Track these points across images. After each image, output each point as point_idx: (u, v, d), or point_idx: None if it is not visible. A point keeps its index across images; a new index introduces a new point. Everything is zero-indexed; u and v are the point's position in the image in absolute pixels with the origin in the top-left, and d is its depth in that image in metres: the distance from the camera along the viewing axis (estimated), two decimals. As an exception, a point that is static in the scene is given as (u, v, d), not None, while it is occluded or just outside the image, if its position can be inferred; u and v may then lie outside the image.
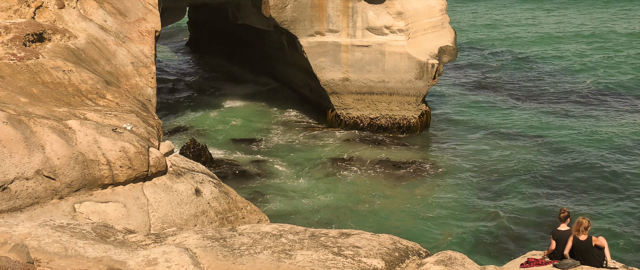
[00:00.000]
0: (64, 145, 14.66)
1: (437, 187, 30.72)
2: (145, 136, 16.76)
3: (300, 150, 35.17)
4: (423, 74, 36.42)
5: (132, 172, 15.32)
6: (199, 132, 37.56)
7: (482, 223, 27.24)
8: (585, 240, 12.92)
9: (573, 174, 31.72)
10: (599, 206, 28.35)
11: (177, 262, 9.66)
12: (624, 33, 62.35)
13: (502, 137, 36.89)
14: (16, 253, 8.53)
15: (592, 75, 48.86)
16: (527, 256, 14.06)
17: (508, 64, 52.15)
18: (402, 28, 36.42)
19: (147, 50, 24.97)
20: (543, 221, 27.31)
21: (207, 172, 17.71)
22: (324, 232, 11.89)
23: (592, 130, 37.33)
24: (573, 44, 58.61)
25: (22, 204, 13.83)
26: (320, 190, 30.32)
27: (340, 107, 38.15)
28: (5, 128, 14.10)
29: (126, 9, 26.21)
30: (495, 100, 43.41)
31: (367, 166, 33.07)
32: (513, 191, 30.11)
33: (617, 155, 33.86)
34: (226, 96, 44.09)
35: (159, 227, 14.84)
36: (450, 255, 11.59)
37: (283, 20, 36.29)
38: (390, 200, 29.47)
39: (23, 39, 20.97)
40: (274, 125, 39.02)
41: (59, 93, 18.80)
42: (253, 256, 10.32)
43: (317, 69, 37.42)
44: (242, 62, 49.89)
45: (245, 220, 16.45)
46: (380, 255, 10.88)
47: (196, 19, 56.41)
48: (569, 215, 13.41)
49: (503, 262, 16.89)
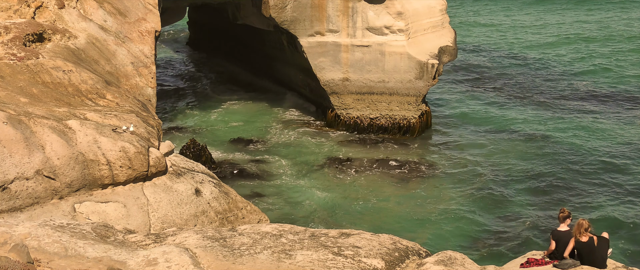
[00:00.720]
0: (64, 145, 14.66)
1: (437, 187, 30.72)
2: (145, 136, 16.77)
3: (300, 150, 35.18)
4: (423, 74, 36.42)
5: (132, 172, 15.32)
6: (199, 132, 37.57)
7: (482, 223, 27.24)
8: (587, 241, 12.86)
9: (573, 174, 31.73)
10: (599, 206, 28.35)
11: (177, 262, 9.66)
12: (625, 33, 62.35)
13: (502, 137, 36.89)
14: (16, 253, 8.54)
15: (592, 75, 48.88)
16: (527, 256, 14.05)
17: (508, 64, 52.16)
18: (402, 28, 36.42)
19: (147, 50, 24.97)
20: (543, 221, 27.31)
21: (207, 172, 17.71)
22: (324, 232, 11.89)
23: (593, 130, 37.34)
24: (573, 44, 58.63)
25: (22, 204, 13.84)
26: (320, 190, 30.32)
27: (340, 107, 38.15)
28: (5, 128, 14.10)
29: (126, 9, 26.21)
30: (495, 100, 43.41)
31: (367, 166, 33.07)
32: (513, 191, 30.11)
33: (618, 155, 33.88)
34: (226, 96, 44.09)
35: (159, 227, 14.84)
36: (450, 255, 11.59)
37: (283, 20, 36.29)
38: (390, 200, 29.47)
39: (23, 39, 20.98)
40: (274, 125, 39.02)
41: (59, 93, 18.80)
42: (253, 256, 10.32)
43: (317, 69, 37.42)
44: (242, 62, 49.89)
45: (245, 220, 16.45)
46: (380, 255, 10.88)
47: (196, 19, 56.41)
48: (569, 215, 13.37)
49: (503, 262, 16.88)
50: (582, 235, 12.85)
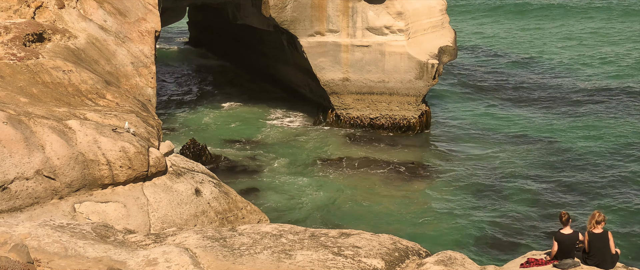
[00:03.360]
0: (64, 145, 14.66)
1: (437, 187, 30.72)
2: (145, 136, 16.77)
3: (300, 151, 35.18)
4: (423, 74, 36.42)
5: (132, 172, 15.32)
6: (199, 132, 37.57)
7: (482, 223, 27.24)
8: (600, 233, 12.78)
9: (573, 174, 31.73)
10: (600, 206, 28.34)
11: (177, 262, 9.66)
12: (625, 32, 62.32)
13: (502, 137, 36.89)
14: (16, 253, 8.54)
15: (593, 75, 48.86)
16: (527, 256, 14.04)
17: (508, 64, 52.15)
18: (402, 28, 36.42)
19: (147, 50, 24.98)
20: (543, 221, 27.32)
21: (207, 172, 17.72)
22: (323, 232, 11.89)
23: (593, 130, 37.33)
24: (573, 45, 58.60)
25: (22, 204, 13.84)
26: (320, 190, 30.33)
27: (340, 107, 38.15)
28: (5, 128, 14.10)
29: (126, 9, 26.21)
30: (495, 100, 43.41)
31: (367, 166, 33.08)
32: (513, 191, 30.11)
33: (618, 155, 33.88)
34: (226, 96, 44.08)
35: (159, 227, 14.85)
36: (450, 255, 11.59)
37: (283, 20, 36.29)
38: (391, 200, 29.47)
39: (23, 39, 20.98)
40: (273, 125, 39.02)
41: (59, 93, 18.80)
42: (253, 256, 10.32)
43: (317, 69, 37.42)
44: (241, 62, 49.87)
45: (245, 220, 16.45)
46: (380, 255, 10.88)
47: (196, 19, 56.41)
48: (569, 217, 13.31)
49: (503, 262, 16.88)
50: (595, 227, 12.77)
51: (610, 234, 12.91)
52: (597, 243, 12.78)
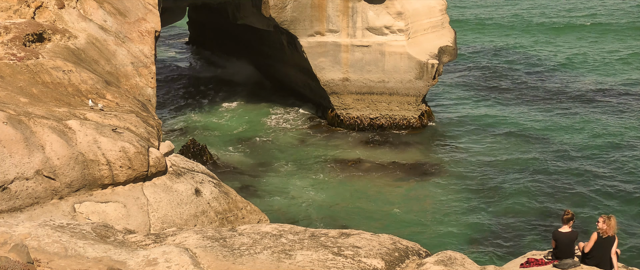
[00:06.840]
0: (64, 145, 14.66)
1: (436, 187, 30.73)
2: (145, 136, 16.76)
3: (300, 151, 35.18)
4: (423, 74, 36.42)
5: (132, 172, 15.32)
6: (199, 132, 37.56)
7: (482, 223, 27.25)
8: (607, 237, 12.84)
9: (574, 174, 31.72)
10: (600, 206, 28.35)
11: (177, 262, 9.66)
12: (625, 32, 62.32)
13: (502, 137, 36.88)
14: (16, 253, 8.54)
15: (594, 75, 48.85)
16: (527, 256, 14.06)
17: (508, 64, 52.14)
18: (402, 28, 36.42)
19: (147, 50, 24.97)
20: (544, 221, 27.32)
21: (207, 172, 17.71)
22: (323, 232, 11.88)
23: (594, 130, 37.32)
24: (574, 45, 58.59)
25: (22, 204, 13.83)
26: (320, 190, 30.33)
27: (340, 107, 38.15)
28: (5, 128, 14.10)
29: (126, 9, 26.20)
30: (495, 100, 43.40)
31: (367, 166, 33.08)
32: (513, 191, 30.10)
33: (619, 155, 33.86)
34: (226, 96, 44.09)
35: (159, 227, 14.84)
36: (450, 255, 11.58)
37: (283, 20, 36.28)
38: (390, 200, 29.47)
39: (23, 39, 20.97)
40: (273, 125, 39.03)
41: (59, 93, 18.80)
42: (253, 256, 10.32)
43: (317, 69, 37.42)
44: (241, 62, 49.88)
45: (245, 220, 16.45)
46: (380, 255, 10.88)
47: (196, 18, 56.41)
48: (572, 217, 13.33)
49: (503, 262, 16.90)
50: (607, 232, 12.82)
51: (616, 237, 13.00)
52: (602, 243, 12.85)
